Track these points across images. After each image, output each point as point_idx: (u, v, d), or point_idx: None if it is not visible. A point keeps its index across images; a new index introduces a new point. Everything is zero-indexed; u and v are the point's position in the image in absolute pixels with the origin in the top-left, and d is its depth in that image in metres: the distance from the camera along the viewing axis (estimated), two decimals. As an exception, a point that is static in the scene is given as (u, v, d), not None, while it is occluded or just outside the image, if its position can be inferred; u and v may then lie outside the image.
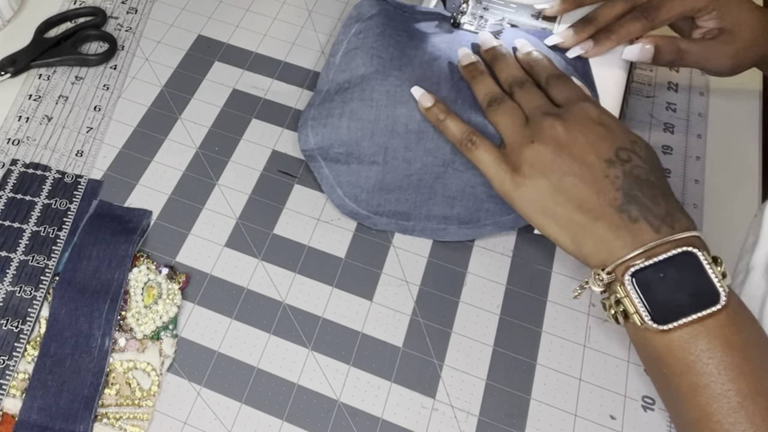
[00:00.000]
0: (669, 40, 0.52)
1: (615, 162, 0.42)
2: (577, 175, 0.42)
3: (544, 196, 0.43)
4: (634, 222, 0.40)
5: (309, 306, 0.47)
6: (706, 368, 0.37)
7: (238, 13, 0.64)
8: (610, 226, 0.41)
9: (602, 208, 0.41)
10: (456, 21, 0.55)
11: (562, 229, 0.43)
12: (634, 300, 0.39)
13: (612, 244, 0.40)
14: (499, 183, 0.45)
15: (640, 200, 0.40)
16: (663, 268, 0.39)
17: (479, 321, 0.47)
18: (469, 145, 0.47)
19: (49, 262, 0.48)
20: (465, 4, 0.54)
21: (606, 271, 0.40)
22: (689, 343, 0.38)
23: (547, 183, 0.43)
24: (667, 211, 0.40)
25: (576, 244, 0.42)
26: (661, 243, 0.39)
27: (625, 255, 0.39)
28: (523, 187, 0.44)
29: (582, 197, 0.42)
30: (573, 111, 0.45)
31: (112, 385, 0.44)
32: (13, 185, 0.51)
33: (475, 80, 0.50)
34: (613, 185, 0.41)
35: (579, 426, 0.43)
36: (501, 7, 0.55)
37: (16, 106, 0.56)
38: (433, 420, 0.43)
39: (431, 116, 0.49)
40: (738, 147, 0.56)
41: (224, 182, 0.53)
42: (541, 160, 0.43)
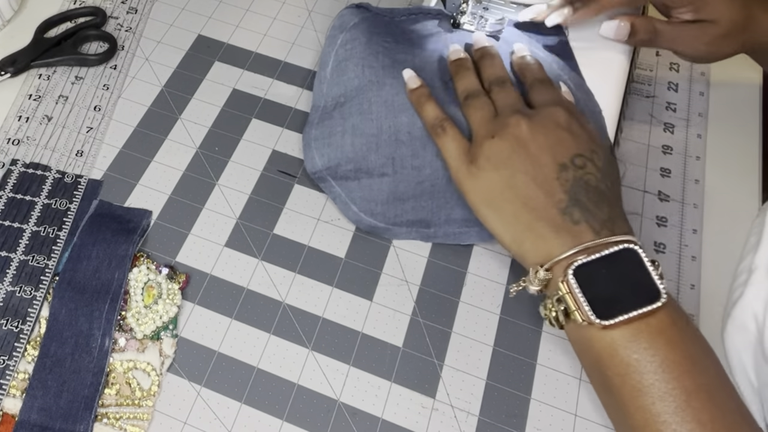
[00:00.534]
0: (646, 20, 0.52)
1: (569, 167, 0.43)
2: (529, 174, 0.43)
3: (494, 189, 0.44)
4: (576, 224, 0.41)
5: (309, 306, 0.47)
6: (649, 366, 0.37)
7: (238, 13, 0.64)
8: (551, 226, 0.41)
9: (547, 208, 0.42)
10: (456, 21, 0.55)
11: (504, 224, 0.43)
12: (577, 295, 0.39)
13: (551, 243, 0.41)
14: (455, 171, 0.46)
15: (584, 204, 0.41)
16: (606, 264, 0.39)
17: (479, 321, 0.47)
18: (439, 130, 0.47)
19: (49, 262, 0.48)
20: (465, 4, 0.54)
21: (544, 268, 0.40)
22: (631, 342, 0.38)
23: (499, 177, 0.43)
24: (609, 216, 0.41)
25: (516, 241, 0.43)
26: (600, 243, 0.40)
27: (564, 253, 0.40)
28: (475, 178, 0.44)
29: (529, 195, 0.42)
30: (542, 113, 0.45)
31: (112, 385, 0.44)
32: (13, 185, 0.51)
33: (458, 75, 0.50)
34: (562, 188, 0.42)
35: (579, 426, 0.43)
36: (501, 7, 0.55)
37: (16, 106, 0.56)
38: (433, 420, 0.43)
39: (413, 97, 0.49)
40: (738, 147, 0.56)
41: (224, 182, 0.53)
42: (497, 155, 0.44)
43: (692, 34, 0.52)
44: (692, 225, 0.52)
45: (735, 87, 0.59)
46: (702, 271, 0.50)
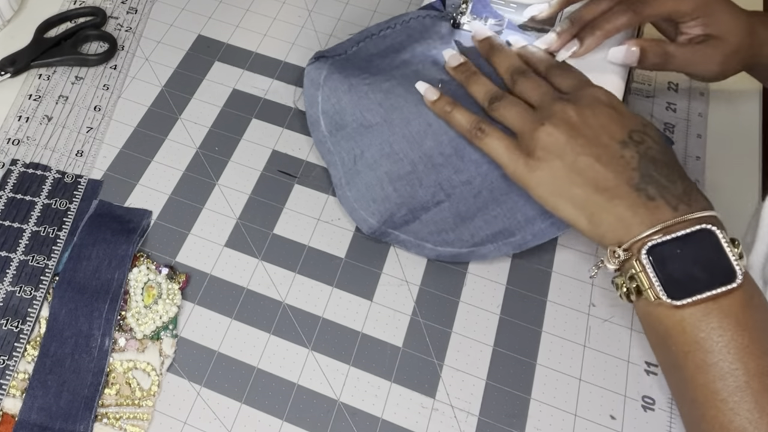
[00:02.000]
0: (655, 43, 0.51)
1: (629, 143, 0.42)
2: (593, 156, 0.42)
3: (560, 177, 0.43)
4: (652, 200, 0.40)
5: (309, 306, 0.47)
6: (715, 346, 0.37)
7: (238, 13, 0.64)
8: (627, 205, 0.41)
9: (619, 187, 0.41)
10: (456, 21, 0.55)
11: (578, 209, 0.43)
12: (650, 274, 0.39)
13: (629, 221, 0.40)
14: (513, 169, 0.45)
15: (656, 179, 0.41)
16: (680, 244, 0.39)
17: (479, 321, 0.47)
18: (478, 133, 0.46)
19: (49, 262, 0.48)
20: (465, 4, 0.54)
21: (623, 248, 0.40)
22: (701, 321, 0.38)
23: (562, 164, 0.43)
24: (684, 190, 0.41)
25: (593, 224, 0.42)
26: (679, 221, 0.39)
27: (643, 232, 0.40)
28: (538, 170, 0.44)
29: (598, 177, 0.42)
30: (582, 95, 0.45)
31: (112, 385, 0.44)
32: (13, 185, 0.51)
33: (470, 81, 0.49)
34: (629, 165, 0.42)
35: (579, 426, 0.43)
36: (501, 7, 0.55)
37: (16, 106, 0.56)
38: (433, 420, 0.43)
39: (438, 109, 0.49)
40: (738, 147, 0.56)
41: (224, 182, 0.53)
42: (554, 143, 0.43)
43: (704, 54, 0.51)
44: (692, 225, 0.52)
45: (735, 87, 0.59)
46: (702, 271, 0.50)
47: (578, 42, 0.51)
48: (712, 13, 0.51)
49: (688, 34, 0.52)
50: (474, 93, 0.49)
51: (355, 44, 0.55)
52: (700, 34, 0.51)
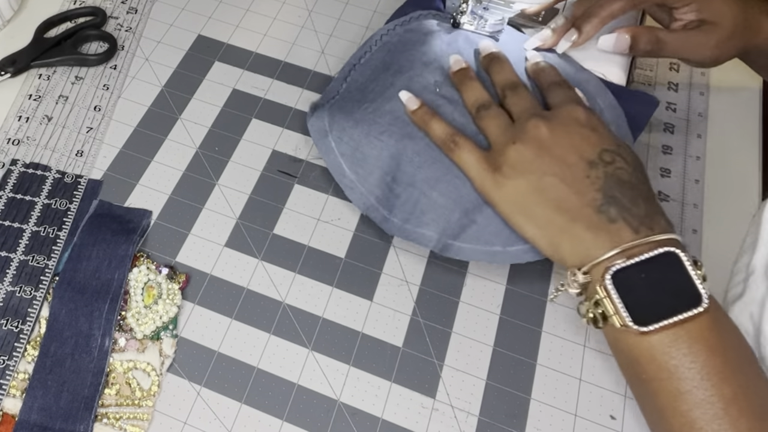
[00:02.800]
0: (647, 30, 0.51)
1: (597, 163, 0.42)
2: (558, 176, 0.42)
3: (524, 196, 0.43)
4: (613, 222, 0.40)
5: (309, 306, 0.47)
6: (688, 373, 0.36)
7: (238, 13, 0.64)
8: (588, 226, 0.40)
9: (581, 208, 0.41)
10: (456, 21, 0.55)
11: (540, 230, 0.42)
12: (615, 300, 0.38)
13: (589, 244, 0.40)
14: (480, 183, 0.45)
15: (619, 201, 0.40)
16: (644, 268, 0.38)
17: (479, 321, 0.47)
18: (451, 145, 0.47)
19: (49, 262, 0.48)
20: (465, 4, 0.54)
21: (582, 271, 0.40)
22: (671, 347, 0.37)
23: (527, 183, 0.43)
24: (646, 212, 0.40)
25: (553, 245, 0.42)
26: (640, 243, 0.39)
27: (603, 255, 0.39)
28: (503, 187, 0.44)
29: (561, 197, 0.41)
30: (560, 113, 0.45)
31: (112, 385, 0.44)
32: (13, 185, 0.51)
33: (463, 86, 0.50)
34: (594, 186, 0.41)
35: (579, 426, 0.43)
36: (501, 7, 0.55)
37: (16, 106, 0.56)
38: (433, 420, 0.43)
39: (417, 118, 0.49)
40: (738, 147, 0.56)
41: (224, 182, 0.53)
42: (522, 160, 0.43)
43: (698, 41, 0.51)
44: (692, 225, 0.52)
45: (735, 87, 0.59)
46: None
47: (576, 31, 0.50)
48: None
49: (682, 20, 0.52)
50: (465, 98, 0.49)
51: (343, 81, 0.54)
52: (693, 19, 0.51)
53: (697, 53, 0.52)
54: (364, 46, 0.55)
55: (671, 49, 0.52)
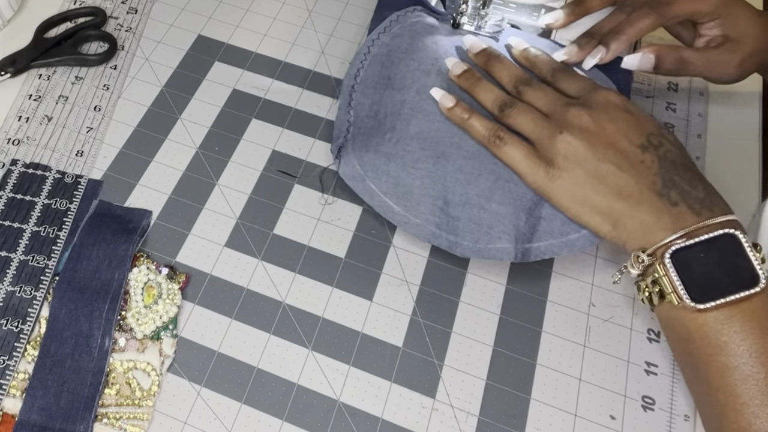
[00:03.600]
0: (671, 49, 0.51)
1: (648, 147, 0.42)
2: (614, 162, 0.42)
3: (582, 186, 0.43)
4: (675, 206, 0.41)
5: (309, 306, 0.47)
6: (737, 350, 0.38)
7: (238, 13, 0.64)
8: (650, 211, 0.41)
9: (642, 193, 0.41)
10: (456, 21, 0.55)
11: (602, 217, 0.43)
12: (673, 278, 0.39)
13: (653, 227, 0.41)
14: (533, 178, 0.45)
15: (678, 184, 0.41)
16: (704, 248, 0.39)
17: (479, 321, 0.47)
18: (497, 141, 0.46)
19: (49, 262, 0.48)
20: (465, 4, 0.54)
21: (647, 253, 0.41)
22: (723, 324, 0.38)
23: (584, 173, 0.43)
24: (705, 194, 0.41)
25: (617, 230, 0.42)
26: (702, 226, 0.39)
27: (666, 237, 0.40)
28: (559, 179, 0.44)
29: (621, 184, 0.42)
30: (595, 99, 0.45)
31: (112, 385, 0.44)
32: (13, 185, 0.51)
33: (476, 88, 0.49)
34: (650, 170, 0.42)
35: (579, 426, 0.43)
36: (501, 7, 0.55)
37: (16, 106, 0.56)
38: (433, 420, 0.43)
39: (454, 116, 0.48)
40: (738, 147, 0.56)
41: (224, 182, 0.53)
42: (574, 151, 0.43)
43: (721, 58, 0.51)
44: (692, 225, 0.52)
45: (735, 87, 0.59)
46: (702, 271, 0.50)
47: (604, 48, 0.50)
48: (730, 14, 0.50)
49: (706, 35, 0.52)
50: (482, 100, 0.49)
51: (348, 107, 0.53)
52: (718, 35, 0.51)
53: (721, 71, 0.52)
54: (354, 62, 0.54)
55: (695, 68, 0.52)
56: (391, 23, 0.55)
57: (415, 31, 0.54)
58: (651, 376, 0.45)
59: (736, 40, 0.51)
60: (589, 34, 0.51)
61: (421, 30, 0.54)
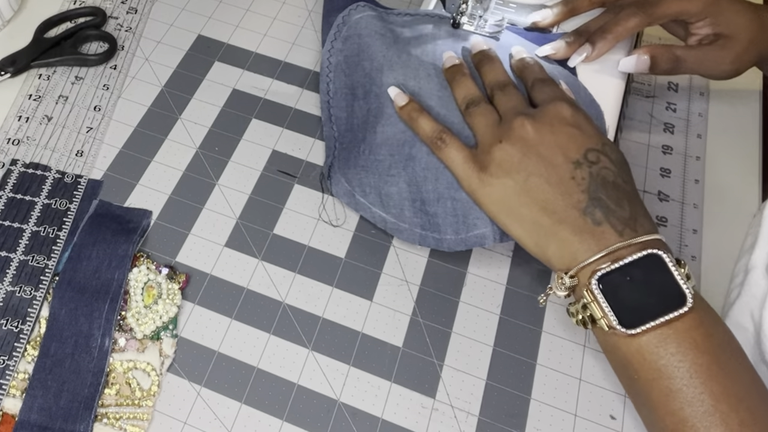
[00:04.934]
0: (665, 49, 0.51)
1: (582, 163, 0.42)
2: (543, 176, 0.42)
3: (510, 196, 0.43)
4: (598, 225, 0.40)
5: (309, 306, 0.47)
6: (677, 372, 0.37)
7: (238, 13, 0.64)
8: (573, 229, 0.40)
9: (566, 210, 0.41)
10: (456, 21, 0.55)
11: (526, 230, 0.42)
12: (602, 304, 0.38)
13: (575, 247, 0.40)
14: (466, 182, 0.45)
15: (604, 203, 0.40)
16: (629, 271, 0.38)
17: (479, 321, 0.47)
18: (438, 143, 0.46)
19: (49, 262, 0.48)
20: (464, 4, 0.54)
21: (569, 275, 0.40)
22: (659, 347, 0.37)
23: (513, 183, 0.43)
24: (630, 214, 0.40)
25: (539, 246, 0.42)
26: (624, 246, 0.39)
27: (588, 258, 0.39)
28: (489, 186, 0.44)
29: (547, 199, 0.41)
30: (545, 111, 0.44)
31: (112, 385, 0.44)
32: (13, 185, 0.51)
33: (455, 82, 0.49)
34: (579, 187, 0.41)
35: (579, 426, 0.43)
36: (501, 7, 0.55)
37: (16, 106, 0.56)
38: (433, 420, 0.43)
39: (404, 114, 0.49)
40: (738, 147, 0.56)
41: (224, 182, 0.53)
42: (508, 160, 0.43)
43: (715, 55, 0.51)
44: (692, 225, 0.52)
45: (735, 87, 0.59)
46: (702, 271, 0.50)
47: (590, 46, 0.50)
48: (720, 12, 0.50)
49: (697, 34, 0.52)
50: (455, 93, 0.49)
51: (330, 122, 0.53)
52: (709, 33, 0.51)
53: (717, 68, 0.52)
54: (321, 76, 0.55)
55: (690, 66, 0.52)
56: (339, 27, 0.55)
57: (361, 28, 0.54)
58: (651, 376, 0.45)
59: (728, 37, 0.51)
60: (578, 32, 0.51)
61: (367, 26, 0.54)
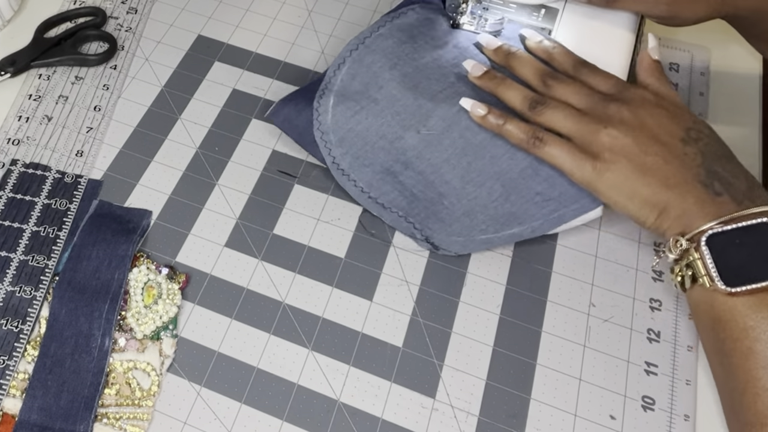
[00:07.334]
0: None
1: (688, 141, 0.44)
2: (659, 154, 0.43)
3: (630, 178, 0.44)
4: (719, 196, 0.42)
5: (309, 306, 0.47)
6: (763, 335, 0.38)
7: (238, 13, 0.64)
8: (695, 200, 0.42)
9: (687, 183, 0.42)
10: (455, 21, 0.55)
11: (649, 207, 0.44)
12: (707, 262, 0.40)
13: (696, 215, 0.42)
14: (580, 174, 0.45)
15: (721, 175, 0.42)
16: (739, 235, 0.40)
17: (479, 321, 0.47)
18: (537, 143, 0.46)
19: (49, 262, 0.48)
20: (465, 4, 0.54)
21: (686, 238, 0.41)
22: (752, 309, 0.39)
23: (631, 165, 0.44)
24: (747, 186, 0.42)
25: (660, 219, 0.43)
26: (742, 215, 0.40)
27: (707, 224, 0.41)
28: (607, 172, 0.44)
29: (667, 175, 0.43)
30: (631, 96, 0.46)
31: (112, 385, 0.44)
32: (13, 185, 0.51)
33: (501, 88, 0.49)
34: (694, 161, 0.43)
35: (579, 426, 0.43)
36: (501, 7, 0.55)
37: (16, 106, 0.56)
38: (433, 420, 0.43)
39: (488, 124, 0.48)
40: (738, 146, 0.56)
41: (224, 182, 0.53)
42: (620, 144, 0.44)
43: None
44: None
45: (735, 88, 0.59)
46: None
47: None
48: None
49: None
50: (509, 99, 0.48)
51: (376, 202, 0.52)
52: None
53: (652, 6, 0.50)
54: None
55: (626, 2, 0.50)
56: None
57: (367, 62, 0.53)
58: (651, 376, 0.45)
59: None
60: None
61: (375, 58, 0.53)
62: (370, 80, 0.52)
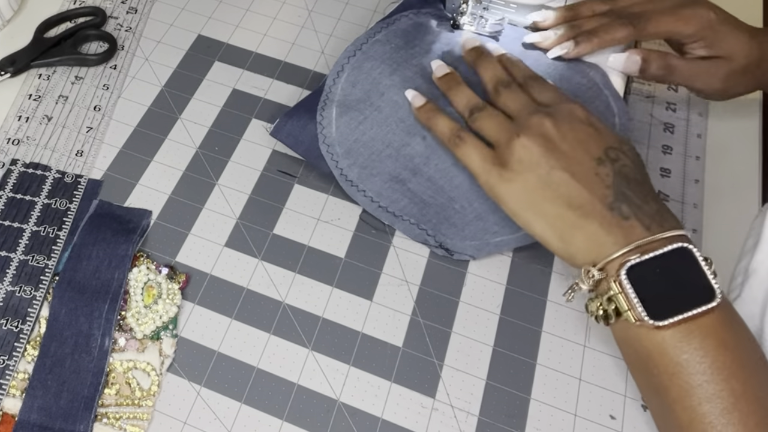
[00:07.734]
0: (659, 55, 0.51)
1: (604, 160, 0.42)
2: (567, 171, 0.42)
3: (533, 191, 0.42)
4: (626, 219, 0.40)
5: (309, 306, 0.47)
6: (699, 367, 0.37)
7: (238, 13, 0.64)
8: (601, 224, 0.40)
9: (593, 204, 0.41)
10: (456, 22, 0.55)
11: (549, 226, 0.42)
12: (630, 295, 0.38)
13: (602, 240, 0.40)
14: (485, 179, 0.45)
15: (630, 198, 0.40)
16: (658, 264, 0.38)
17: (479, 321, 0.47)
18: (456, 141, 0.46)
19: (49, 262, 0.48)
20: (465, 4, 0.54)
21: (597, 268, 0.40)
22: (682, 342, 0.37)
23: (536, 178, 0.42)
24: (656, 210, 0.40)
25: (563, 241, 0.42)
26: (653, 240, 0.39)
27: (617, 251, 0.39)
28: (510, 182, 0.43)
29: (572, 193, 0.41)
30: (561, 109, 0.45)
31: (112, 385, 0.44)
32: (13, 185, 0.51)
33: (452, 91, 0.49)
34: (604, 182, 0.41)
35: (579, 426, 0.43)
36: (501, 7, 0.55)
37: (16, 106, 0.56)
38: (433, 420, 0.43)
39: (421, 115, 0.49)
40: (738, 147, 0.56)
41: (224, 182, 0.53)
42: (529, 155, 0.43)
43: (707, 70, 0.51)
44: (692, 225, 0.52)
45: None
46: (702, 271, 0.50)
47: (573, 43, 0.51)
48: (716, 35, 0.50)
49: (692, 54, 0.52)
50: (455, 103, 0.49)
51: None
52: (704, 54, 0.51)
53: (707, 83, 0.52)
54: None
55: (681, 76, 0.52)
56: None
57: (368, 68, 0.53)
58: (651, 376, 0.45)
59: (725, 58, 0.51)
60: (570, 27, 0.52)
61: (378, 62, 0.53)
62: (371, 87, 0.52)
